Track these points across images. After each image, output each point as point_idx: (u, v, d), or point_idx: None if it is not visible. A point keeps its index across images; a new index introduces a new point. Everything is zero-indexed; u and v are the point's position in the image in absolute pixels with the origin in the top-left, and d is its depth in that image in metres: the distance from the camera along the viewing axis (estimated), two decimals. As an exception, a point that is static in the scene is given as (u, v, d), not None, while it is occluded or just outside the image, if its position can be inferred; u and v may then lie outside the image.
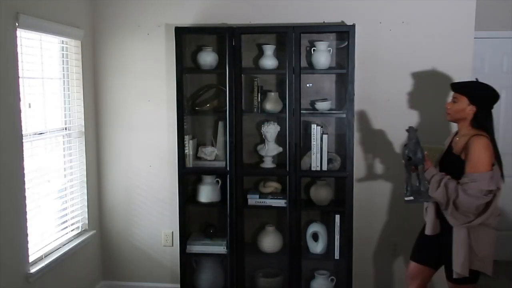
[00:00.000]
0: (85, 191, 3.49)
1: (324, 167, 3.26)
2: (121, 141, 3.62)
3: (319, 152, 3.24)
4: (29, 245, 2.78)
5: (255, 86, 3.31)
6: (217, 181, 3.42)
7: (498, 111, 4.31)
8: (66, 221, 3.29)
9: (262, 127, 3.35)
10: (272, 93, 3.32)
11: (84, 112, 3.43)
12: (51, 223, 3.15)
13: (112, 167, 3.65)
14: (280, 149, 3.36)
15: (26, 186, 2.74)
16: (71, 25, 3.22)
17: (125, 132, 3.61)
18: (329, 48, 3.27)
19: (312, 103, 3.38)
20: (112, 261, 3.73)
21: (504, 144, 4.36)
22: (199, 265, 3.51)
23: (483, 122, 2.55)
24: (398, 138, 3.41)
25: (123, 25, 3.52)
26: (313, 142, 3.24)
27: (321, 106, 3.30)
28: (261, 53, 3.35)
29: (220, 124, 3.45)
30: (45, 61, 3.05)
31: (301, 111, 3.18)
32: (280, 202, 3.31)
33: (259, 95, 3.31)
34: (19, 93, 2.66)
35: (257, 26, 3.30)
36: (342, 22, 3.33)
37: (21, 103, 2.68)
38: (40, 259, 2.92)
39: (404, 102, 3.39)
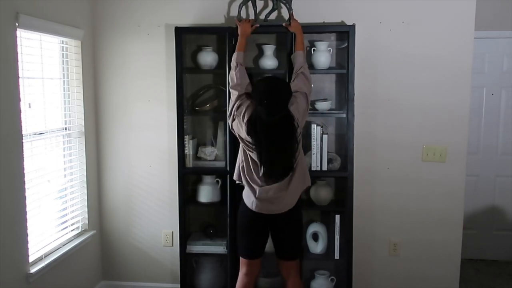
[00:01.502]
0: (85, 191, 3.49)
1: (324, 167, 3.26)
2: (121, 141, 3.62)
3: (319, 152, 3.25)
4: (29, 245, 2.78)
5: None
6: (217, 181, 3.42)
7: (498, 111, 4.33)
8: (66, 221, 3.29)
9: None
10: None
11: (84, 112, 3.43)
12: (51, 223, 3.15)
13: (112, 167, 3.65)
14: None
15: (26, 186, 2.74)
16: (71, 25, 3.22)
17: (125, 132, 3.61)
18: (329, 48, 3.27)
19: (312, 103, 3.37)
20: (112, 261, 3.73)
21: (504, 144, 4.37)
22: (199, 265, 3.52)
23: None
24: (398, 137, 3.42)
25: (123, 25, 3.52)
26: (313, 142, 3.25)
27: (321, 106, 3.30)
28: (261, 53, 3.35)
29: (220, 124, 3.45)
30: (45, 61, 3.05)
31: (301, 111, 3.18)
32: (280, 202, 3.30)
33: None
34: (19, 93, 2.66)
35: (257, 26, 3.29)
36: (342, 22, 3.33)
37: (21, 103, 2.68)
38: (40, 259, 2.92)
39: (404, 102, 3.39)
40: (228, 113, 2.91)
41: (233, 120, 2.85)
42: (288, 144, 2.72)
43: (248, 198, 2.83)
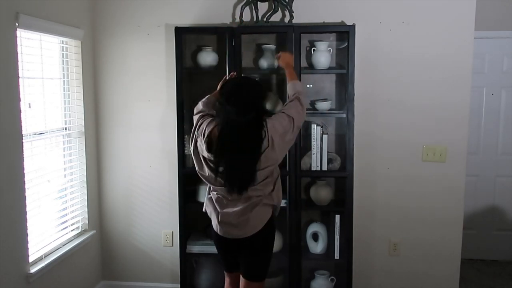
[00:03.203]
0: (85, 191, 3.49)
1: (324, 167, 3.26)
2: (121, 141, 3.62)
3: (319, 152, 3.25)
4: (29, 245, 2.79)
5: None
6: (217, 181, 3.41)
7: (498, 111, 4.33)
8: (66, 221, 3.29)
9: (262, 127, 3.34)
10: (272, 93, 3.31)
11: (84, 112, 3.43)
12: (51, 223, 3.15)
13: (112, 167, 3.65)
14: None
15: (26, 186, 2.74)
16: (71, 25, 3.22)
17: (125, 132, 3.61)
18: (329, 48, 3.27)
19: (312, 103, 3.38)
20: (112, 261, 3.73)
21: (504, 144, 4.37)
22: (199, 265, 3.52)
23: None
24: (398, 137, 3.42)
25: (123, 25, 3.52)
26: (313, 142, 3.25)
27: (321, 106, 3.30)
28: (261, 53, 3.35)
29: (220, 124, 3.44)
30: (45, 61, 3.05)
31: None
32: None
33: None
34: (19, 93, 2.66)
35: (257, 26, 3.30)
36: (342, 22, 3.33)
37: (21, 103, 2.68)
38: (40, 259, 2.92)
39: (404, 102, 3.39)
40: (189, 140, 2.61)
41: (195, 142, 2.54)
42: (252, 148, 2.39)
43: (213, 220, 2.64)
